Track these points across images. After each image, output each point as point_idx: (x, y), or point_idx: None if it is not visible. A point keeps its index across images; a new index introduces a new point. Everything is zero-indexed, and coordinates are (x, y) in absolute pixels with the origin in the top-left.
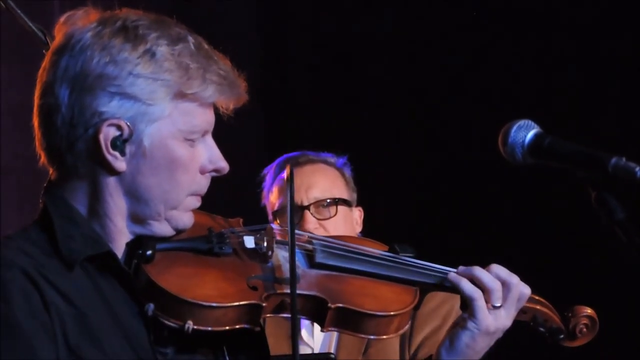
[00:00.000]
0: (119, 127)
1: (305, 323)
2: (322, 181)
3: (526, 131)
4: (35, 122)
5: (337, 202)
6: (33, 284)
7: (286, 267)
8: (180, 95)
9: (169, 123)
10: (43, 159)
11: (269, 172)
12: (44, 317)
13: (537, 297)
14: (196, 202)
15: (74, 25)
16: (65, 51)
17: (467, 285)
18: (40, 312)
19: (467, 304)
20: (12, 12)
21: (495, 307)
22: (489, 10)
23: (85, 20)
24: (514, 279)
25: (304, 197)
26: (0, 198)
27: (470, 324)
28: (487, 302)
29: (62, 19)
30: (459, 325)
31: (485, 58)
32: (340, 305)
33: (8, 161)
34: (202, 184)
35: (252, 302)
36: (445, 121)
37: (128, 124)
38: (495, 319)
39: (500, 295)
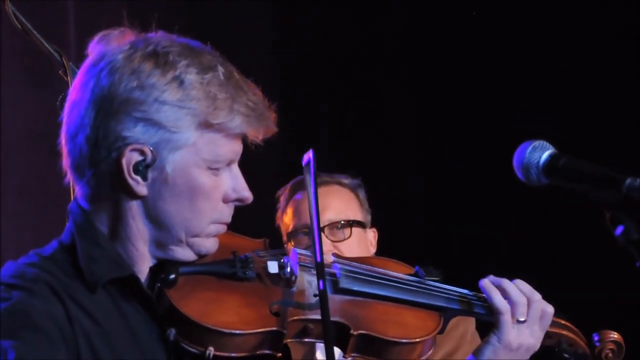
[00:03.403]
0: (142, 152)
1: (320, 345)
2: (336, 203)
3: (541, 152)
4: (63, 139)
5: (351, 224)
6: (58, 298)
7: (310, 291)
8: (206, 125)
9: (193, 151)
10: (68, 176)
11: (283, 193)
12: (67, 327)
13: (563, 322)
14: (220, 229)
15: (107, 45)
16: (95, 71)
17: (498, 298)
18: (62, 322)
19: (493, 317)
20: (29, 32)
21: (519, 322)
22: (506, 33)
23: (120, 41)
24: (536, 296)
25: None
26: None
27: (493, 338)
28: (512, 316)
29: (97, 37)
30: (482, 341)
31: (500, 77)
32: (363, 332)
33: (24, 183)
34: (225, 212)
35: (274, 329)
36: (460, 142)
37: (151, 149)
38: (517, 335)
39: (525, 310)
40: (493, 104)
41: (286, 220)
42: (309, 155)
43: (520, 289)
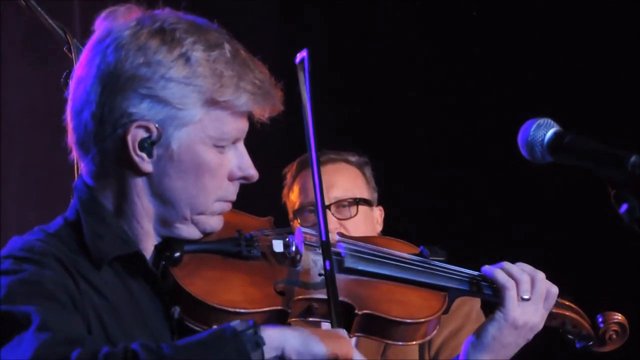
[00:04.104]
0: (147, 129)
1: (326, 324)
2: (343, 181)
3: (545, 130)
4: (68, 116)
5: (358, 202)
6: (67, 271)
7: (315, 270)
8: (212, 102)
9: (198, 128)
10: (74, 152)
11: (289, 170)
12: (78, 298)
13: (567, 303)
14: (225, 207)
15: (114, 22)
16: (101, 48)
17: (502, 275)
18: (73, 293)
19: (498, 295)
20: (33, 9)
21: (523, 299)
22: (516, 11)
23: (127, 17)
24: (539, 275)
25: (324, 196)
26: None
27: (498, 315)
28: (517, 293)
29: (103, 13)
30: (487, 318)
31: (506, 58)
32: (367, 311)
33: (27, 161)
34: (230, 190)
35: (278, 308)
36: (465, 121)
37: (157, 126)
38: (522, 312)
39: (528, 288)
40: (499, 84)
41: (292, 197)
42: (302, 54)
43: (522, 269)
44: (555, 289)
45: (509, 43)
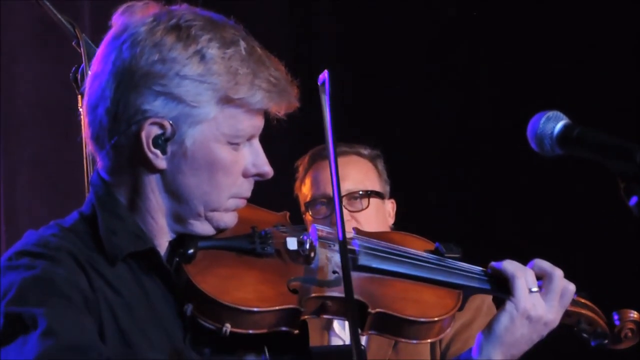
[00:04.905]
0: (161, 126)
1: (338, 320)
2: (355, 173)
3: (555, 122)
4: (84, 110)
5: (369, 194)
6: (81, 268)
7: (329, 268)
8: (227, 100)
9: (213, 126)
10: (90, 147)
11: (301, 163)
12: (90, 296)
13: (583, 301)
14: (239, 204)
15: (130, 17)
16: (117, 44)
17: (509, 265)
18: (85, 291)
19: (508, 285)
20: (41, 4)
21: (532, 292)
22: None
23: (144, 13)
24: (556, 271)
25: None
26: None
27: (509, 305)
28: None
29: (121, 8)
30: (499, 309)
31: (519, 51)
32: (381, 310)
33: (38, 155)
34: (244, 187)
35: (291, 306)
36: (478, 115)
37: (171, 123)
38: (534, 305)
39: (534, 280)
40: (509, 78)
41: (304, 190)
42: (324, 76)
43: (538, 265)
44: (572, 287)
45: (519, 37)
